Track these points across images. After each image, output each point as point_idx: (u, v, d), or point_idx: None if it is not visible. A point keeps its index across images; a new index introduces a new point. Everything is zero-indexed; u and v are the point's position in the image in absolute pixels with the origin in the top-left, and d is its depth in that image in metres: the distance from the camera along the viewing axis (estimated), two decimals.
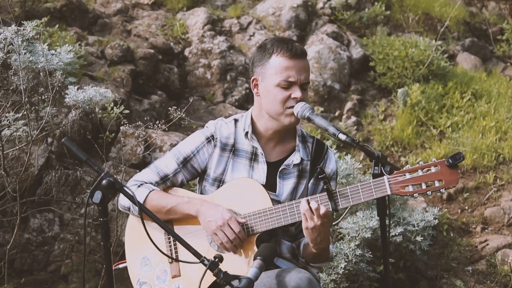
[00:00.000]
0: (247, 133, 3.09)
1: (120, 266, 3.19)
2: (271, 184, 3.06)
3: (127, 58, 6.28)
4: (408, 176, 2.81)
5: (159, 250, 2.63)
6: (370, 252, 4.49)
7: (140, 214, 2.63)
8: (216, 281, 2.62)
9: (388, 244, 2.96)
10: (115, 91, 5.69)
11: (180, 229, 3.06)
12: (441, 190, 2.80)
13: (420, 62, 6.81)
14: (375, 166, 2.87)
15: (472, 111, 6.56)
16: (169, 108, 4.67)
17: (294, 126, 3.12)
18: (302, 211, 2.85)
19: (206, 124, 3.19)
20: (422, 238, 4.69)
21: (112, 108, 5.02)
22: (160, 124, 4.42)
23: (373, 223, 4.44)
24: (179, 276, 3.02)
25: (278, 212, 2.94)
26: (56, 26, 6.07)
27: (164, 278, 3.04)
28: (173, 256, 3.02)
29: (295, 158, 3.09)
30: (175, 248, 3.04)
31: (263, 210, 2.95)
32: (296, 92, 2.98)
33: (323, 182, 2.86)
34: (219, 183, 3.10)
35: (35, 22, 4.51)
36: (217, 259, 2.56)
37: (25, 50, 4.34)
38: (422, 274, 4.95)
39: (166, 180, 3.13)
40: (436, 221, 4.86)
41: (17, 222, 4.47)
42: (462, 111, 6.56)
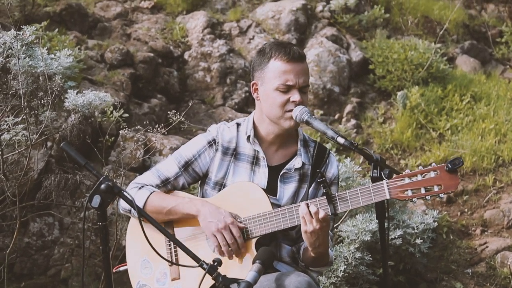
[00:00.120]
0: (249, 136, 3.09)
1: (121, 269, 3.21)
2: (272, 188, 3.07)
3: (126, 61, 6.28)
4: (407, 180, 2.81)
5: (158, 254, 2.64)
6: (370, 255, 4.49)
7: (139, 219, 2.64)
8: (215, 284, 2.62)
9: (387, 247, 2.96)
10: (114, 95, 5.69)
11: (180, 231, 3.07)
12: (440, 195, 2.80)
13: (419, 65, 6.81)
14: (374, 169, 2.88)
15: (472, 113, 6.56)
16: (168, 112, 4.68)
17: (295, 130, 3.13)
18: (301, 215, 2.85)
19: (208, 128, 3.20)
20: (422, 240, 4.69)
21: (112, 112, 5.03)
22: (159, 128, 4.42)
23: (372, 226, 4.44)
24: (178, 279, 3.03)
25: (278, 216, 2.94)
26: (56, 30, 6.08)
27: (164, 281, 3.05)
28: (173, 258, 3.04)
29: (297, 162, 3.10)
30: (175, 250, 3.05)
31: (262, 213, 2.96)
32: (295, 96, 2.98)
33: (322, 186, 2.87)
34: (220, 186, 3.11)
35: (34, 26, 4.51)
36: (216, 263, 2.57)
37: (24, 55, 4.35)
38: (422, 276, 4.95)
39: (167, 183, 3.14)
40: (435, 223, 4.86)
41: (16, 226, 4.47)
42: (461, 114, 6.56)
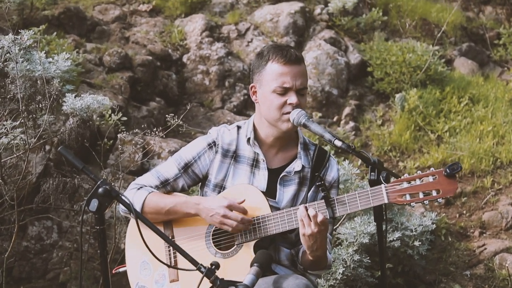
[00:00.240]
0: (249, 139, 3.10)
1: (120, 270, 3.22)
2: (271, 191, 3.07)
3: (125, 65, 6.28)
4: (405, 185, 2.81)
5: (156, 257, 2.64)
6: (368, 258, 4.49)
7: (137, 222, 2.64)
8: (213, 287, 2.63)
9: (385, 249, 2.97)
10: (113, 98, 5.69)
11: (179, 231, 3.08)
12: (438, 200, 2.80)
13: (417, 67, 6.82)
14: (372, 172, 2.89)
15: (470, 115, 6.57)
16: (166, 115, 4.69)
17: (295, 133, 3.14)
18: (300, 218, 2.85)
19: (209, 131, 3.21)
20: (420, 243, 4.69)
21: (110, 115, 5.03)
22: (158, 131, 4.43)
23: (371, 228, 4.44)
24: (177, 280, 3.04)
25: (276, 219, 2.95)
26: (54, 34, 6.08)
27: (163, 282, 3.06)
28: (171, 260, 3.05)
29: (296, 165, 3.10)
30: (174, 252, 3.06)
31: (261, 216, 2.96)
32: (292, 98, 2.98)
33: (320, 189, 2.87)
34: (220, 189, 3.12)
35: (32, 30, 4.52)
36: (213, 266, 2.57)
37: (22, 59, 4.36)
38: (420, 279, 4.95)
39: (166, 185, 3.15)
40: (434, 225, 4.86)
41: (15, 230, 4.47)
42: (459, 116, 6.56)
